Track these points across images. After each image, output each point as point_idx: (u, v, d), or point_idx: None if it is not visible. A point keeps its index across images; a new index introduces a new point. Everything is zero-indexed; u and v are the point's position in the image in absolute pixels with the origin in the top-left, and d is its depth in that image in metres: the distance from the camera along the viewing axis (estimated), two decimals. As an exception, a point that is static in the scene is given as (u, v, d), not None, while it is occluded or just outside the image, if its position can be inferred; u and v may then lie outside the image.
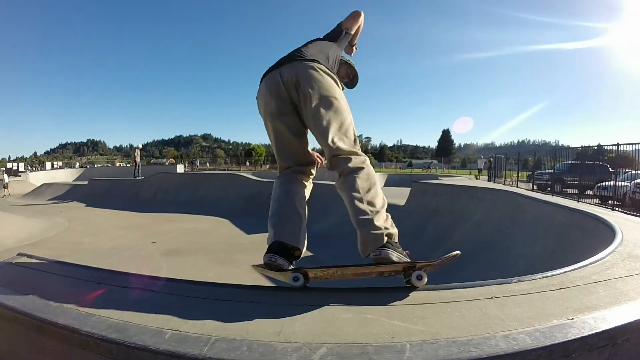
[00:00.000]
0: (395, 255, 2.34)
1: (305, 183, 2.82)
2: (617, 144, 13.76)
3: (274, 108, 2.62)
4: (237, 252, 10.35)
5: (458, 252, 2.46)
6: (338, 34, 3.08)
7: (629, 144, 13.27)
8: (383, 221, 2.42)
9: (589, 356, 1.63)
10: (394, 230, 2.45)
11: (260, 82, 2.71)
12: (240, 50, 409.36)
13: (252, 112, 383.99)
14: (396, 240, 2.43)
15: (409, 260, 2.38)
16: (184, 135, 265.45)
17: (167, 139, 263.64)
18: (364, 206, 2.42)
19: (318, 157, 3.06)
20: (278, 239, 2.45)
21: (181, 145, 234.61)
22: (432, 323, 1.76)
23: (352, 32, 3.17)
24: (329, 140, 2.52)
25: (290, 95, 2.58)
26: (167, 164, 58.23)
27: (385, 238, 2.36)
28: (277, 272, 2.40)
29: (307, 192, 2.84)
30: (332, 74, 2.68)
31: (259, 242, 10.52)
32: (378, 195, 2.50)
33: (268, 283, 2.65)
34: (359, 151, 2.61)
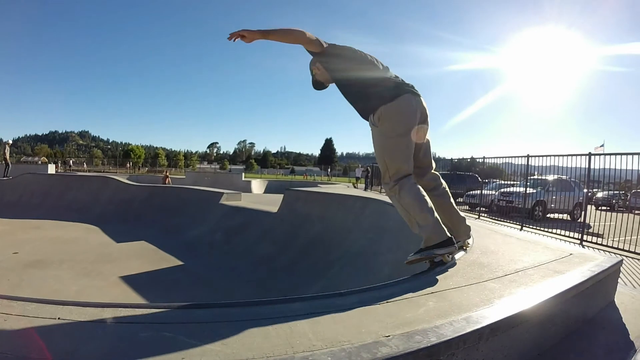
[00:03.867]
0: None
1: None
2: (484, 157, 15.02)
3: (415, 125, 3.19)
4: (106, 262, 9.62)
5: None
6: None
7: (493, 157, 14.60)
8: None
9: (403, 374, 1.52)
10: None
11: (406, 94, 3.17)
12: (124, 42, 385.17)
13: (134, 111, 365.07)
14: None
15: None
16: (60, 132, 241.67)
17: (40, 134, 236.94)
18: (458, 209, 3.60)
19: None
20: (450, 235, 3.12)
21: (56, 142, 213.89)
22: (232, 343, 1.61)
23: None
24: (432, 161, 3.59)
25: (419, 121, 3.26)
26: (40, 162, 53.79)
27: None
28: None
29: None
30: None
31: (129, 251, 9.98)
32: None
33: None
34: None
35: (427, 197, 3.15)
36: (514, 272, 2.93)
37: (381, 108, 3.10)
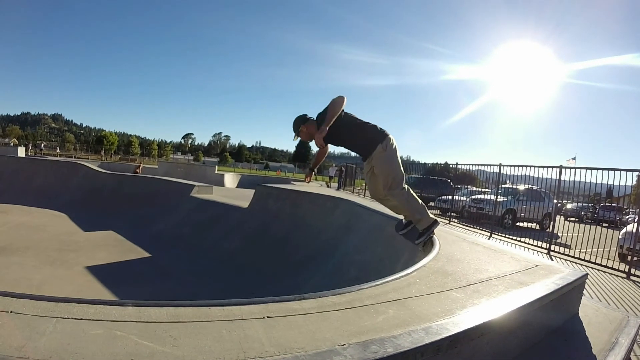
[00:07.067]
0: None
1: None
2: (457, 164, 15.19)
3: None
4: (71, 251, 9.41)
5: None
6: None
7: (466, 165, 14.79)
8: None
9: (356, 383, 1.49)
10: None
11: (388, 134, 4.53)
12: (102, 27, 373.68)
13: (109, 97, 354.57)
14: None
15: None
16: (32, 113, 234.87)
17: (12, 115, 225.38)
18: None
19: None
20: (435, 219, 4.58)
21: (28, 124, 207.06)
22: (183, 345, 1.55)
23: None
24: None
25: None
26: (12, 144, 52.46)
27: None
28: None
29: None
30: None
31: (96, 241, 9.69)
32: None
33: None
34: None
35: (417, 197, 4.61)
36: (479, 282, 2.90)
37: (386, 139, 4.46)
